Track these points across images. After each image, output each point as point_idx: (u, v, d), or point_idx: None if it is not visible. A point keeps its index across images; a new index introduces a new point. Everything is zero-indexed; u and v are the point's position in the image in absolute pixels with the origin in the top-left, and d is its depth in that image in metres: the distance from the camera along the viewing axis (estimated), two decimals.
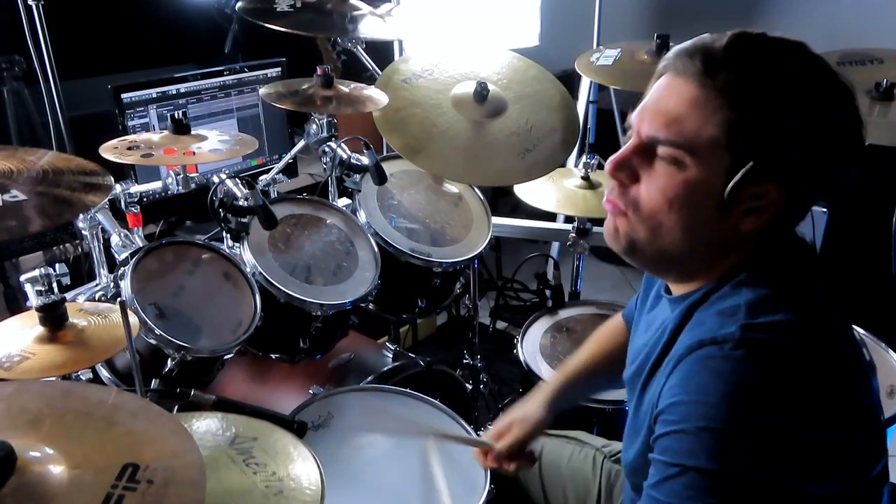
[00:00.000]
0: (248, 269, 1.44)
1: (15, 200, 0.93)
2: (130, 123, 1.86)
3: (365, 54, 1.97)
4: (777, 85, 0.77)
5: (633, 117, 0.86)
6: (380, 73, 1.86)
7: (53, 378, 1.06)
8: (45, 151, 1.10)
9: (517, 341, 1.80)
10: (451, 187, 1.88)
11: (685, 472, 0.74)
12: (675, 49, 0.83)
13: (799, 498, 0.74)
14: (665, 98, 0.82)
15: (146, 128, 1.90)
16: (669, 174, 0.81)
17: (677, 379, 0.78)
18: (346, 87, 1.66)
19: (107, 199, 1.38)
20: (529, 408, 1.24)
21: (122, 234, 1.46)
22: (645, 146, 0.83)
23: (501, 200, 2.83)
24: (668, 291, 0.96)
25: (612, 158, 0.85)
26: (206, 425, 1.11)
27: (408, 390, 1.49)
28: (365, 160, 1.67)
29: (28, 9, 1.63)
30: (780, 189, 0.79)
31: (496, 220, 1.90)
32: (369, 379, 1.58)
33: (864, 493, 0.80)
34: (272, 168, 1.82)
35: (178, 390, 1.22)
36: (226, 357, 1.38)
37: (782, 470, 0.72)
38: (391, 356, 1.76)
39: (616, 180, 0.87)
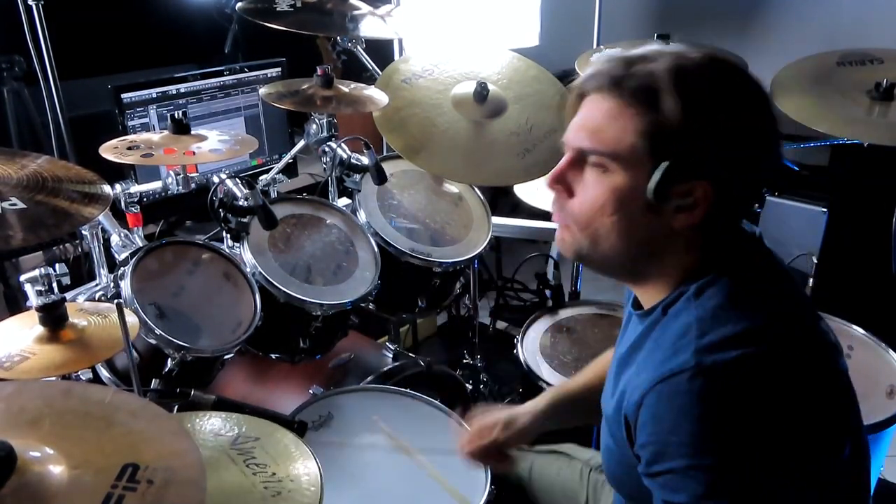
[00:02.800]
0: (248, 269, 1.44)
1: (14, 209, 0.93)
2: (130, 123, 1.86)
3: (365, 54, 1.97)
4: (681, 86, 0.80)
5: (565, 136, 0.92)
6: (380, 73, 1.86)
7: (53, 378, 1.06)
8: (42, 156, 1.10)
9: (517, 341, 1.80)
10: (451, 187, 1.88)
11: None
12: (584, 73, 0.89)
13: (798, 487, 0.76)
14: (588, 114, 0.88)
15: (146, 128, 1.90)
16: (598, 181, 0.86)
17: (647, 416, 0.80)
18: (346, 87, 1.66)
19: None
20: (518, 414, 1.22)
21: (122, 234, 1.46)
22: (576, 158, 0.89)
23: (501, 200, 2.82)
24: (639, 307, 0.97)
25: (549, 173, 0.91)
26: (208, 425, 1.11)
27: (408, 390, 1.49)
28: (365, 160, 1.67)
29: (28, 9, 1.63)
30: (706, 185, 0.82)
31: (496, 220, 1.90)
32: (369, 379, 1.58)
33: (843, 477, 0.83)
34: (272, 168, 1.82)
35: (178, 390, 1.22)
36: (226, 357, 1.38)
37: (776, 474, 0.75)
38: (391, 356, 1.76)
39: (554, 192, 0.92)
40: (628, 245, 0.88)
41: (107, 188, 1.08)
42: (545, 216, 2.34)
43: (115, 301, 1.01)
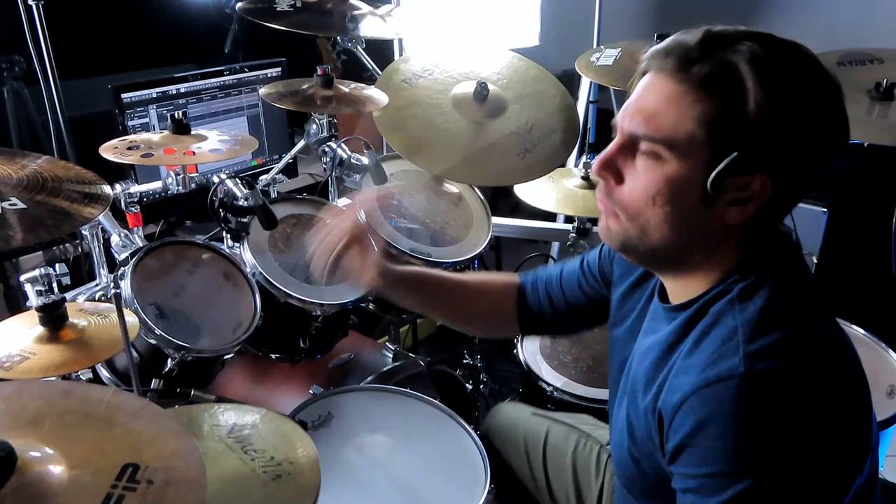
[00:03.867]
0: (248, 269, 1.44)
1: (14, 209, 0.93)
2: (130, 123, 1.86)
3: (365, 54, 1.97)
4: (751, 77, 0.76)
5: (618, 117, 0.87)
6: (380, 73, 1.86)
7: (53, 378, 1.06)
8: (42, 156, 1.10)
9: (517, 341, 1.79)
10: (451, 187, 1.88)
11: None
12: (654, 47, 0.84)
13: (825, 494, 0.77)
14: (645, 95, 0.83)
15: (146, 128, 1.89)
16: (650, 169, 0.82)
17: (691, 421, 0.77)
18: (346, 87, 1.66)
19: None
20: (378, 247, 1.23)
21: (122, 234, 1.46)
22: (627, 143, 0.84)
23: (501, 200, 2.82)
24: (665, 299, 0.94)
25: (598, 157, 0.86)
26: (206, 417, 1.11)
27: (408, 390, 1.49)
28: (365, 160, 1.67)
29: (28, 9, 1.63)
30: (764, 180, 0.79)
31: (496, 220, 1.90)
32: (369, 379, 1.58)
33: (863, 493, 0.82)
34: (272, 168, 1.82)
35: (178, 390, 1.22)
36: (226, 357, 1.38)
37: (813, 488, 0.75)
38: (391, 356, 1.76)
39: (602, 179, 0.88)
40: (679, 237, 0.84)
41: (107, 188, 1.09)
42: (545, 216, 2.34)
43: (112, 292, 1.01)
